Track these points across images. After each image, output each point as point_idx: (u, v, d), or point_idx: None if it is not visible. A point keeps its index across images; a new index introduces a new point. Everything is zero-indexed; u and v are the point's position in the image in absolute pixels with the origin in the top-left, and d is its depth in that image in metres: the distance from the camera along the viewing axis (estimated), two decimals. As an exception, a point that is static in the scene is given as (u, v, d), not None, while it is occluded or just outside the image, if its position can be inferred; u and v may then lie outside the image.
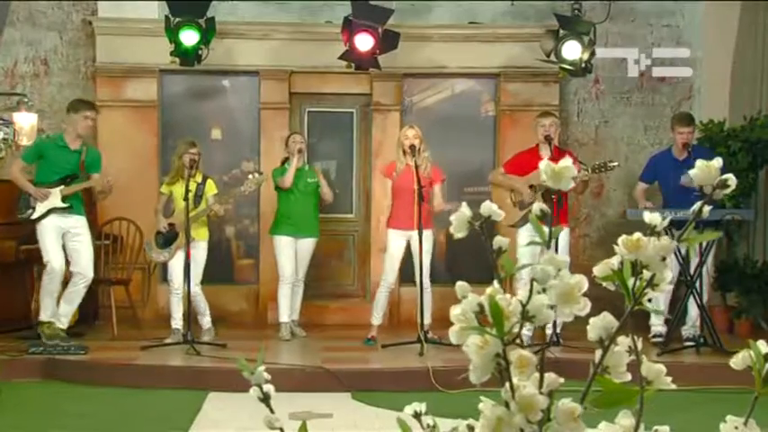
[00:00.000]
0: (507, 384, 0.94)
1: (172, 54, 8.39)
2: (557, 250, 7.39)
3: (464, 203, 1.31)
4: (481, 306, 0.97)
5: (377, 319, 7.91)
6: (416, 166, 7.49)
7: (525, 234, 7.75)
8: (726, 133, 8.65)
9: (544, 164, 1.12)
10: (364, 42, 8.32)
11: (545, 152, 7.74)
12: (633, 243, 0.97)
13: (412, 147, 7.60)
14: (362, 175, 9.59)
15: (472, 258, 9.55)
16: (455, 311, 1.00)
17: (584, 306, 1.00)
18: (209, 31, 8.41)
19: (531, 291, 0.98)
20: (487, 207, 1.14)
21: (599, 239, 9.47)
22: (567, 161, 1.08)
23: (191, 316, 7.49)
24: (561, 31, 8.44)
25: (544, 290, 1.22)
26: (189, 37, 8.30)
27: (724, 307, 8.64)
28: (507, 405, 0.94)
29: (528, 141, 8.07)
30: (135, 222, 8.56)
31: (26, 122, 8.56)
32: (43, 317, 7.31)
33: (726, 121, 8.79)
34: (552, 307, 0.98)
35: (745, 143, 8.47)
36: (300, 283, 8.26)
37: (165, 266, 8.20)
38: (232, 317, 8.99)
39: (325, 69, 9.24)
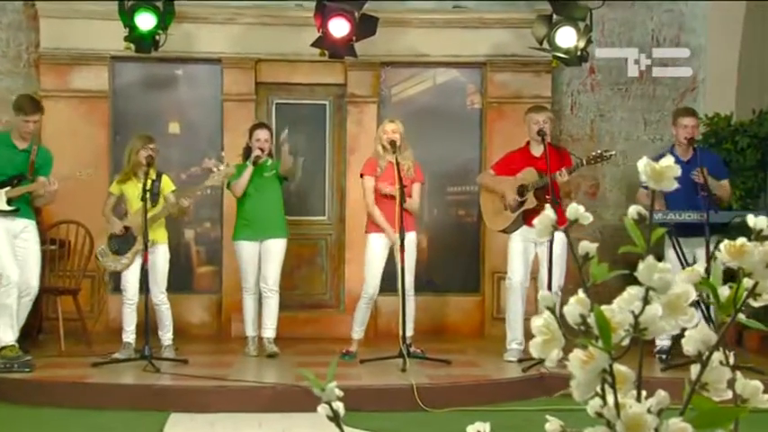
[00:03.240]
0: (611, 402, 0.93)
1: (125, 39, 8.31)
2: (551, 256, 7.41)
3: (547, 206, 1.31)
4: (583, 317, 0.96)
5: (357, 333, 7.85)
6: (398, 164, 7.47)
7: (518, 239, 7.77)
8: (733, 128, 8.72)
9: (644, 163, 1.11)
10: (339, 28, 8.28)
11: (537, 150, 7.76)
12: (736, 249, 0.96)
13: (392, 142, 7.56)
14: (336, 173, 9.56)
15: (455, 266, 9.61)
16: (537, 323, 0.99)
17: (692, 317, 0.99)
18: (167, 15, 8.35)
19: (645, 301, 0.97)
20: (574, 210, 1.13)
21: (596, 244, 9.49)
22: (668, 159, 1.07)
23: (149, 328, 7.41)
24: (554, 17, 8.45)
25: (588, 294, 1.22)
26: (145, 21, 8.22)
27: (731, 317, 8.70)
28: (609, 425, 0.93)
29: (517, 136, 8.08)
30: (84, 225, 8.45)
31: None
32: (8, 339, 7.20)
33: (733, 115, 8.87)
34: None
35: (754, 139, 8.54)
36: (273, 292, 7.96)
37: (117, 274, 8.10)
38: (192, 329, 8.93)
39: (296, 57, 9.21)
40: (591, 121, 9.70)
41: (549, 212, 1.18)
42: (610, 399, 0.97)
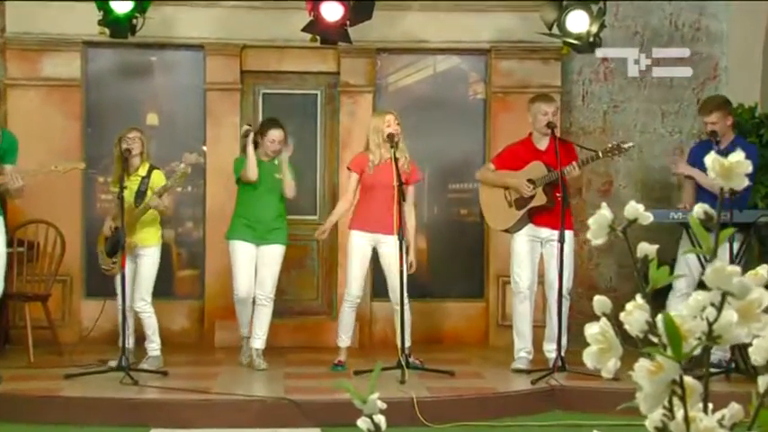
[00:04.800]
0: (681, 416, 0.89)
1: (100, 23, 8.26)
2: (561, 257, 7.36)
3: (604, 204, 1.27)
4: (650, 324, 0.91)
5: (343, 340, 7.84)
6: (396, 160, 7.42)
7: (524, 238, 7.72)
8: (757, 120, 8.70)
9: (711, 158, 1.06)
10: (332, 11, 8.24)
11: (542, 143, 7.72)
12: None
13: (391, 135, 7.52)
14: (328, 169, 9.52)
15: (457, 269, 9.57)
16: (592, 330, 0.95)
17: (766, 324, 0.95)
18: (145, -3, 8.31)
19: (721, 307, 0.93)
20: (633, 209, 1.10)
21: (608, 245, 9.43)
22: (738, 154, 1.02)
23: (126, 337, 7.35)
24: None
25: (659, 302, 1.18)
26: (121, 3, 8.18)
27: (756, 325, 8.67)
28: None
29: (523, 129, 8.04)
30: (55, 225, 8.40)
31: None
32: None
33: (757, 106, 8.84)
34: None
35: (780, 132, 8.53)
36: (269, 300, 7.87)
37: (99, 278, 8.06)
38: (172, 337, 8.84)
39: (284, 43, 9.18)
40: (603, 112, 9.65)
41: (605, 211, 1.13)
42: (679, 412, 0.93)
